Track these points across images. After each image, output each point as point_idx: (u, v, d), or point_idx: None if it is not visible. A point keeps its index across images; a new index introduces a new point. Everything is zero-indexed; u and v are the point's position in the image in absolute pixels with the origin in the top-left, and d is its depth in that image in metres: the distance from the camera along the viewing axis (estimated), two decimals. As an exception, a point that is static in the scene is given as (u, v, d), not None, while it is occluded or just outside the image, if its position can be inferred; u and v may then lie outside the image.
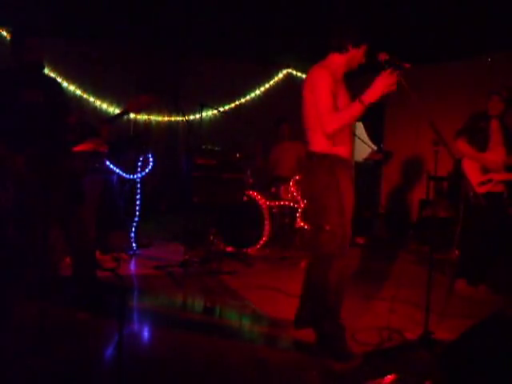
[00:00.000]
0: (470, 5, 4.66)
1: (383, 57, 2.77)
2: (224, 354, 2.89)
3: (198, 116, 7.22)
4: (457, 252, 4.71)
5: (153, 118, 7.50)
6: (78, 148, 3.33)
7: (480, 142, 4.21)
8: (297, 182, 5.49)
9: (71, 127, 3.21)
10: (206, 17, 5.66)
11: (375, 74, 2.67)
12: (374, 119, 8.09)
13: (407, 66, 2.72)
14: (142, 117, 7.40)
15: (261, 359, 2.88)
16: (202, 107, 5.04)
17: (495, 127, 4.22)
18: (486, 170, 4.20)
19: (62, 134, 3.15)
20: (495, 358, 2.29)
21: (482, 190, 4.18)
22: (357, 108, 2.65)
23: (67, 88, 6.72)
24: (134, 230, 5.16)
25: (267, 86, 8.09)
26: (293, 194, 5.50)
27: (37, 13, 5.30)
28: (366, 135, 8.22)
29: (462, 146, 4.23)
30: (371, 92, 2.63)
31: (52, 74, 6.46)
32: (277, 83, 8.14)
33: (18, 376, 2.47)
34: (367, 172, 7.75)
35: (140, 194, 5.19)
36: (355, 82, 3.23)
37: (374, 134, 8.22)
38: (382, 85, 2.62)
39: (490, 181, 4.17)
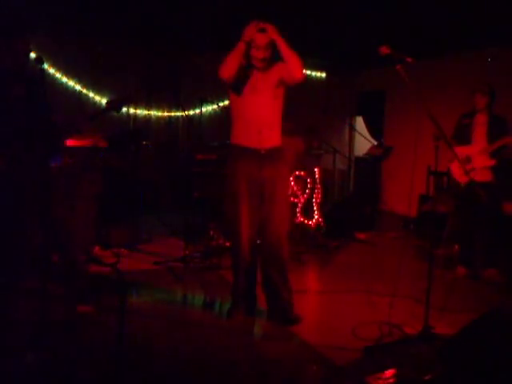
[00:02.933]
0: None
1: (385, 50, 2.79)
2: (224, 348, 2.90)
3: (197, 111, 7.20)
4: (456, 246, 4.75)
5: (153, 113, 7.48)
6: (78, 144, 3.30)
7: (465, 137, 4.45)
8: (296, 178, 5.48)
9: (52, 123, 3.16)
10: (206, 12, 5.64)
11: (376, 68, 2.67)
12: (374, 114, 8.09)
13: (409, 60, 2.74)
14: (142, 112, 7.38)
15: (260, 353, 2.88)
16: (201, 102, 5.03)
17: (481, 121, 4.41)
18: (468, 160, 4.36)
19: (42, 129, 3.08)
20: (495, 353, 2.30)
21: (464, 180, 4.31)
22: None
23: (66, 83, 6.70)
24: (133, 225, 5.15)
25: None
26: (292, 188, 5.49)
27: (37, 9, 5.27)
28: (366, 130, 8.22)
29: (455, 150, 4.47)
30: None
31: (51, 70, 6.45)
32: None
33: (18, 371, 2.47)
34: (367, 167, 7.74)
35: (140, 189, 5.18)
36: (360, 75, 3.22)
37: (375, 129, 8.21)
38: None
39: (472, 169, 4.31)
